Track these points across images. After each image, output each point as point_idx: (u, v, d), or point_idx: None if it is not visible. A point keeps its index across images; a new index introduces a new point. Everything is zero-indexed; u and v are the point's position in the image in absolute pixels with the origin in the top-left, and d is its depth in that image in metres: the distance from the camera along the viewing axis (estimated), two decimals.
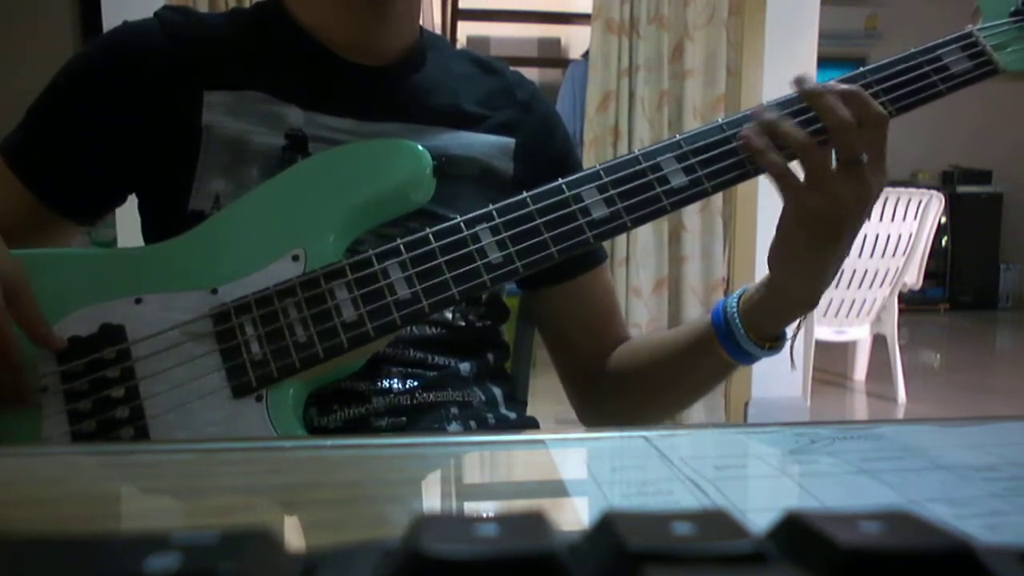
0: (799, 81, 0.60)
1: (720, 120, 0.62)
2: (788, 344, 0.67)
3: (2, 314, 0.51)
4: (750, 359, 0.66)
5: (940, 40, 0.65)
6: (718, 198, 2.62)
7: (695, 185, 0.60)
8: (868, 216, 0.61)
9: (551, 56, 5.40)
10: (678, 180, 0.60)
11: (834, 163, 0.59)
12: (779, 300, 0.64)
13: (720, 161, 0.60)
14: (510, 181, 0.73)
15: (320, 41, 0.69)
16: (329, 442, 0.40)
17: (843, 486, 0.30)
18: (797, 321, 0.66)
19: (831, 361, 3.45)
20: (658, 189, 0.60)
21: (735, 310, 0.65)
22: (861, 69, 0.63)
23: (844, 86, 0.59)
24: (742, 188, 2.60)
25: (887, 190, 2.87)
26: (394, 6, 0.70)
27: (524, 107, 0.77)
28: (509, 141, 0.74)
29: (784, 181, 0.59)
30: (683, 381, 0.73)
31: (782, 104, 0.61)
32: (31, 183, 0.68)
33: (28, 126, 0.69)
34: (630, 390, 0.76)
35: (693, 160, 0.60)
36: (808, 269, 0.62)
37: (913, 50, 0.64)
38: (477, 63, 0.78)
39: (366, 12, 0.69)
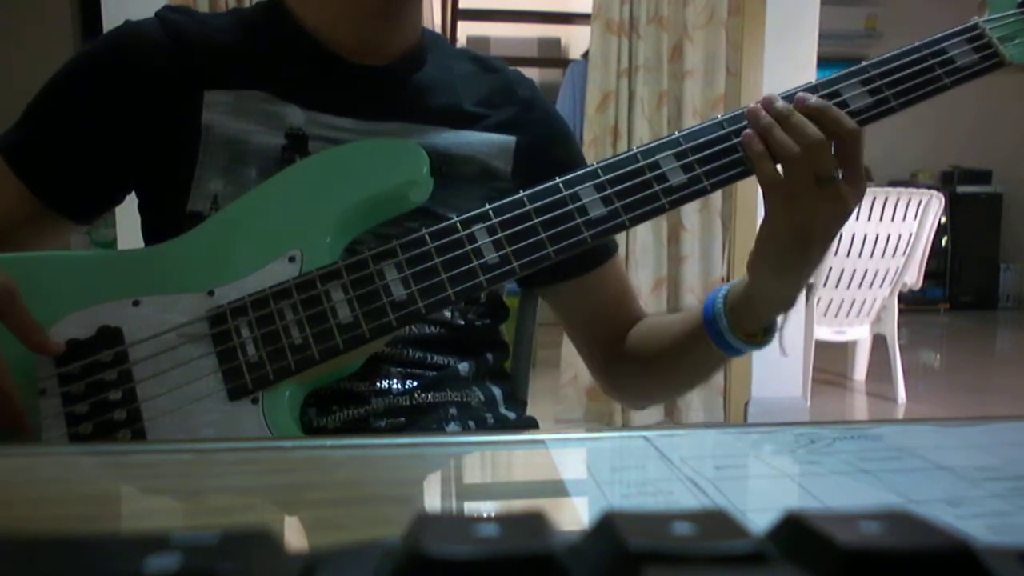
0: (767, 103, 0.60)
1: (720, 117, 0.61)
2: (777, 336, 0.69)
3: None
4: (736, 352, 0.68)
5: (945, 32, 0.64)
6: (717, 197, 2.62)
7: (694, 183, 0.60)
8: (843, 225, 0.62)
9: (551, 56, 5.39)
10: (676, 178, 0.60)
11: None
12: (758, 301, 0.66)
13: (719, 159, 0.60)
14: (509, 180, 0.72)
15: (321, 41, 0.69)
16: (329, 442, 0.40)
17: (843, 486, 0.30)
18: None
19: (831, 361, 3.45)
20: (656, 188, 0.59)
21: (721, 306, 0.67)
22: (864, 64, 0.63)
23: (814, 100, 0.59)
24: (742, 187, 2.60)
25: (887, 190, 2.87)
26: (404, 9, 0.70)
27: (526, 105, 0.77)
28: (509, 139, 0.74)
29: (774, 191, 0.60)
30: (682, 366, 0.75)
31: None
32: (30, 181, 0.67)
33: (27, 123, 0.69)
34: (640, 371, 0.78)
35: (692, 158, 0.60)
36: (783, 276, 0.64)
37: (918, 43, 0.63)
38: (477, 62, 0.78)
39: (377, 15, 0.69)
